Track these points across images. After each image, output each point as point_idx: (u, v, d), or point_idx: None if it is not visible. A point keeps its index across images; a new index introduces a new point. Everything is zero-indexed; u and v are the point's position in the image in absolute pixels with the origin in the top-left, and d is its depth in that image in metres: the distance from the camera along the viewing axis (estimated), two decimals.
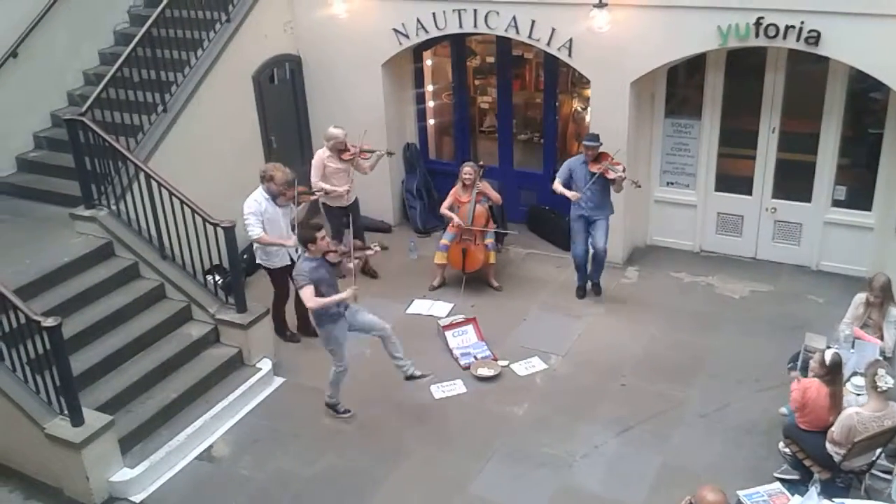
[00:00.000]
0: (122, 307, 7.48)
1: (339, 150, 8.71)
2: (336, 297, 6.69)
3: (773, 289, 8.87)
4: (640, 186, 8.37)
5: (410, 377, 7.32)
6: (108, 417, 6.47)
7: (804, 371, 6.41)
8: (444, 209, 9.00)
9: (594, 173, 8.18)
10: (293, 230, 7.83)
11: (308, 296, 6.60)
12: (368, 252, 7.21)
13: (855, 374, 6.40)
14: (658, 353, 7.93)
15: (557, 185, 8.44)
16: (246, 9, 9.38)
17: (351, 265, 6.96)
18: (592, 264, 8.72)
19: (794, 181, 8.99)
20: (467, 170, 8.85)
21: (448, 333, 8.21)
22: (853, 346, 6.68)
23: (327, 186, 8.70)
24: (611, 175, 8.10)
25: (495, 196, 9.01)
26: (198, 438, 7.01)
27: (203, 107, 8.94)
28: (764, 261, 9.35)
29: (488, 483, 6.51)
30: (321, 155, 8.79)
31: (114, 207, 7.99)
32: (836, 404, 5.95)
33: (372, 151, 8.88)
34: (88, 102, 7.96)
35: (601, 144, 8.23)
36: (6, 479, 6.76)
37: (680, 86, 9.37)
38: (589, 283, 8.89)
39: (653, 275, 9.28)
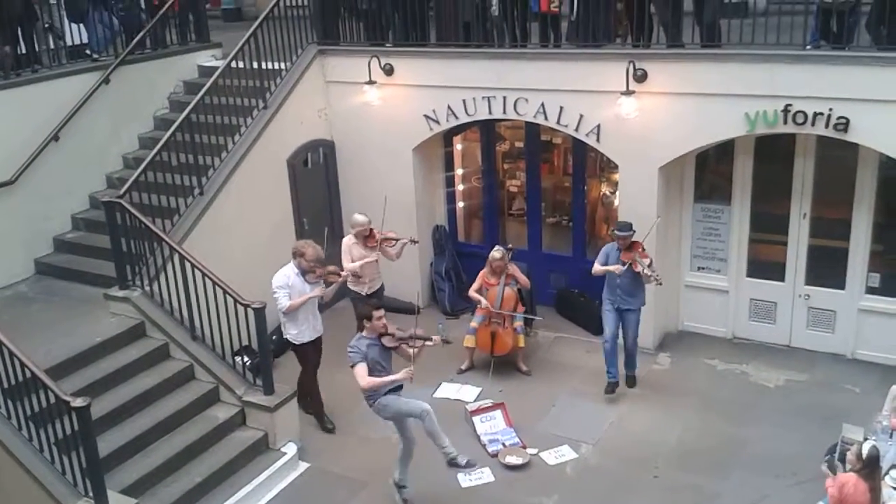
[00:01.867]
0: (151, 388, 7.50)
1: (364, 236, 8.76)
2: (389, 379, 6.62)
3: (809, 378, 8.68)
4: (660, 284, 8.20)
5: (452, 461, 7.00)
6: (132, 501, 6.41)
7: (843, 463, 6.21)
8: (472, 292, 9.00)
9: (625, 262, 8.12)
10: (319, 309, 7.91)
11: (361, 373, 6.53)
12: (428, 343, 6.96)
13: (894, 466, 6.19)
14: (692, 444, 7.74)
15: (597, 266, 8.32)
16: (283, 96, 9.67)
17: (411, 351, 6.80)
18: (625, 358, 8.57)
19: (827, 267, 8.89)
20: (496, 255, 8.79)
21: (476, 419, 8.11)
22: (891, 438, 6.48)
23: (356, 266, 8.63)
24: (637, 268, 8.03)
25: (524, 280, 8.99)
26: None
27: (238, 189, 9.14)
28: (798, 348, 9.18)
29: None
30: (348, 241, 8.85)
31: (147, 288, 8.10)
32: (875, 499, 5.73)
33: (395, 240, 8.88)
34: (127, 185, 8.17)
35: (633, 233, 8.14)
36: None
37: (709, 171, 9.40)
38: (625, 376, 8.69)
39: (685, 361, 9.14)
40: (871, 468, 5.76)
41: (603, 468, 7.51)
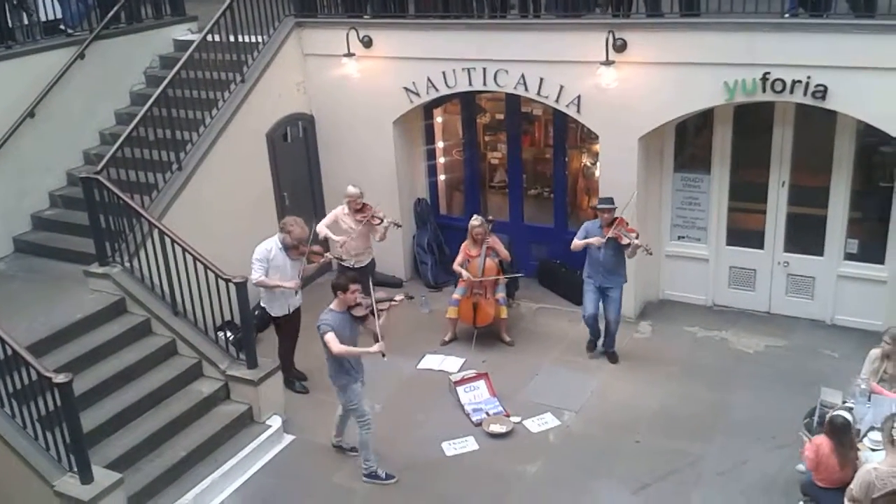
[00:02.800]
0: (134, 364, 7.48)
1: (356, 209, 8.76)
2: (362, 350, 6.71)
3: (788, 343, 8.79)
4: (651, 253, 8.29)
5: (340, 447, 7.38)
6: (117, 475, 6.41)
7: (821, 426, 6.32)
8: (456, 265, 9.01)
9: (609, 237, 8.11)
10: (303, 284, 7.98)
11: (332, 340, 6.58)
12: (394, 303, 7.07)
13: (872, 428, 6.29)
14: (673, 409, 7.83)
15: (576, 241, 8.33)
16: (260, 70, 9.57)
17: (377, 328, 6.83)
18: (605, 335, 8.63)
19: (805, 235, 8.99)
20: (476, 224, 8.86)
21: (459, 389, 8.15)
22: (870, 401, 6.59)
23: (328, 232, 8.81)
24: (623, 241, 8.03)
25: (504, 253, 9.00)
26: (206, 498, 6.93)
27: (217, 165, 9.07)
28: (778, 315, 9.28)
29: None
30: (338, 210, 8.93)
31: (127, 264, 8.05)
32: (843, 462, 5.85)
33: (381, 219, 8.87)
34: (104, 161, 8.09)
35: (615, 208, 8.16)
36: None
37: (689, 140, 9.44)
38: (603, 349, 8.75)
39: (666, 330, 9.22)
40: (833, 434, 5.87)
41: (585, 435, 7.59)
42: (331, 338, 6.61)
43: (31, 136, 9.04)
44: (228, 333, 8.07)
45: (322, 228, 8.83)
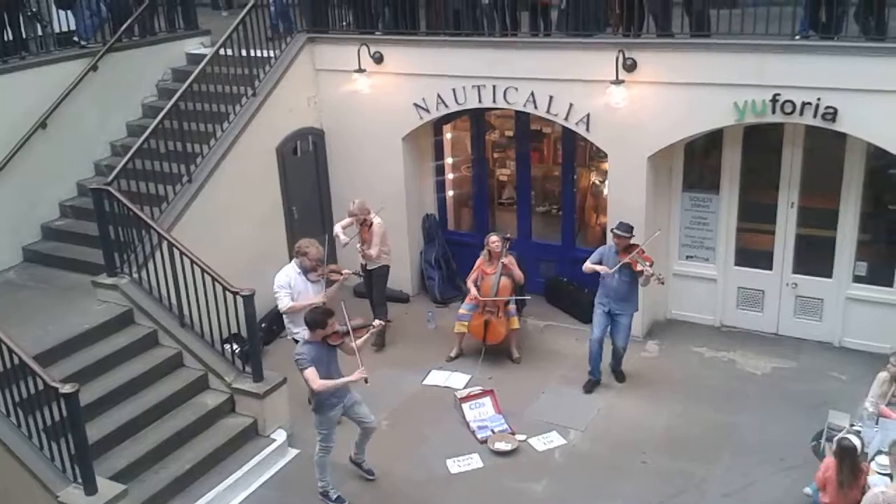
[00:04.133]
0: (140, 375, 7.49)
1: (360, 222, 8.89)
2: (343, 381, 6.61)
3: (796, 365, 8.75)
4: (663, 283, 8.22)
5: (358, 465, 7.26)
6: (121, 487, 6.40)
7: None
8: (469, 282, 8.97)
9: (621, 265, 7.99)
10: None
11: (312, 377, 6.48)
12: (372, 329, 6.98)
13: (880, 452, 6.25)
14: (679, 430, 7.79)
15: (588, 265, 8.24)
16: (272, 84, 9.64)
17: (353, 345, 6.75)
18: (612, 357, 8.55)
19: (814, 256, 8.96)
20: (493, 239, 8.83)
21: (465, 406, 8.13)
22: (877, 424, 6.55)
23: (343, 234, 8.95)
24: (637, 267, 7.94)
25: (518, 275, 8.92)
26: None
27: (227, 177, 9.11)
28: (786, 336, 9.25)
29: None
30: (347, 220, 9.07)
31: (136, 276, 8.07)
32: (848, 484, 5.82)
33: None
34: (115, 172, 8.14)
35: (632, 236, 8.06)
36: None
37: (698, 160, 9.44)
38: (610, 367, 8.66)
39: (673, 349, 9.18)
40: (840, 456, 5.85)
41: (591, 454, 7.55)
42: (310, 374, 6.48)
43: (43, 147, 9.11)
44: (235, 346, 8.07)
45: (337, 228, 9.01)
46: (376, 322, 7.13)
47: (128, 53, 10.10)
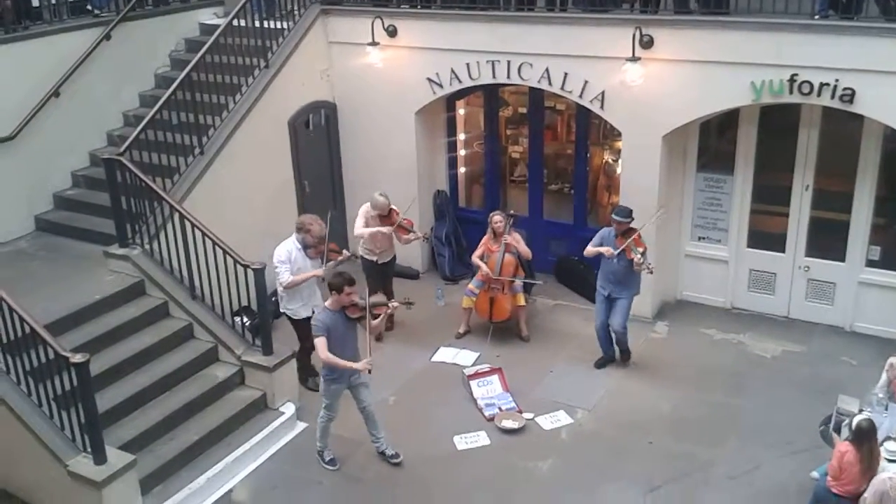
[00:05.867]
0: (150, 346, 7.52)
1: (382, 216, 8.73)
2: (347, 364, 6.65)
3: (806, 349, 8.71)
4: (651, 272, 8.04)
5: (382, 454, 7.26)
6: (130, 457, 6.45)
7: (838, 433, 6.28)
8: (475, 258, 8.98)
9: (619, 248, 7.94)
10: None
11: (321, 346, 6.59)
12: (388, 309, 7.02)
13: (888, 438, 6.22)
14: (687, 412, 7.78)
15: (590, 248, 8.19)
16: (284, 56, 9.57)
17: (375, 322, 6.85)
18: (615, 341, 8.47)
19: (827, 240, 8.89)
20: (497, 218, 8.83)
21: (473, 383, 8.15)
22: (887, 410, 6.52)
23: (368, 231, 8.69)
24: (630, 255, 7.87)
25: (524, 250, 8.91)
26: (218, 482, 6.98)
27: (239, 150, 9.08)
28: (797, 320, 9.20)
29: None
30: (366, 209, 8.81)
31: (147, 247, 8.08)
32: (866, 467, 5.80)
33: (411, 231, 8.82)
34: (127, 143, 8.12)
35: (630, 221, 7.97)
36: None
37: (712, 140, 9.35)
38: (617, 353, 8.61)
39: (683, 331, 9.15)
40: (860, 439, 5.82)
41: (598, 434, 7.57)
42: (320, 343, 6.60)
43: (56, 116, 9.10)
44: (245, 319, 8.10)
45: (362, 230, 8.72)
46: (392, 303, 7.14)
47: (141, 23, 10.04)
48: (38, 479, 6.65)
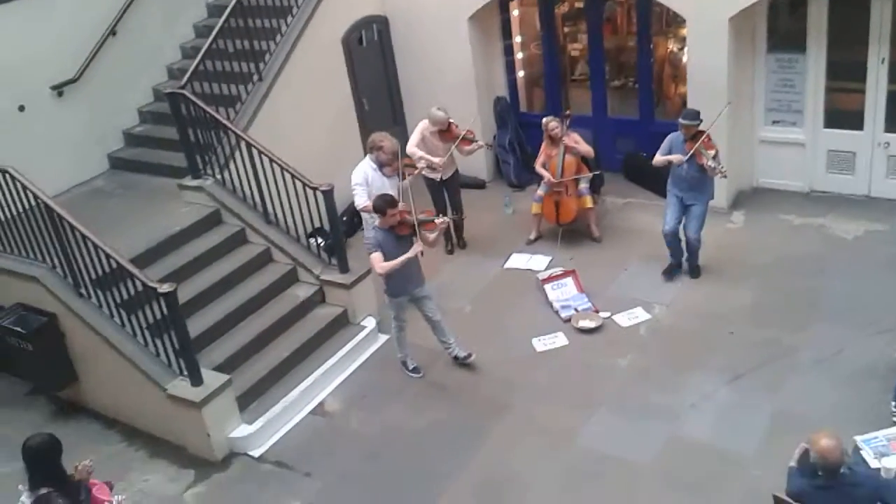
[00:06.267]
0: (232, 272, 7.74)
1: (442, 131, 8.57)
2: (400, 260, 6.68)
3: (889, 228, 8.44)
4: (725, 177, 7.76)
5: (456, 358, 7.36)
6: (225, 377, 6.75)
7: None
8: (538, 166, 8.88)
9: (688, 152, 7.58)
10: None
11: (376, 260, 6.73)
12: (440, 223, 6.93)
13: None
14: (767, 300, 7.68)
15: (658, 157, 7.86)
16: None
17: (431, 236, 6.89)
18: (687, 250, 8.16)
19: None
20: (552, 124, 8.65)
21: (547, 287, 8.18)
22: None
23: (423, 154, 8.51)
24: (701, 160, 7.50)
25: (585, 148, 8.75)
26: (310, 395, 7.25)
27: (296, 73, 9.07)
28: (879, 198, 8.90)
29: (596, 434, 6.50)
30: (423, 125, 8.64)
31: (219, 176, 8.23)
32: None
33: (473, 141, 8.63)
34: (187, 76, 8.17)
35: (698, 123, 7.57)
36: (133, 439, 7.17)
37: (782, 19, 8.91)
38: (686, 265, 8.33)
39: (760, 219, 8.95)
40: None
41: (677, 328, 7.55)
42: (375, 257, 6.74)
43: (115, 55, 9.20)
44: (319, 240, 8.25)
45: (415, 150, 8.52)
46: (438, 219, 7.00)
47: None
48: (141, 405, 7.02)
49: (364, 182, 7.70)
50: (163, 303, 6.41)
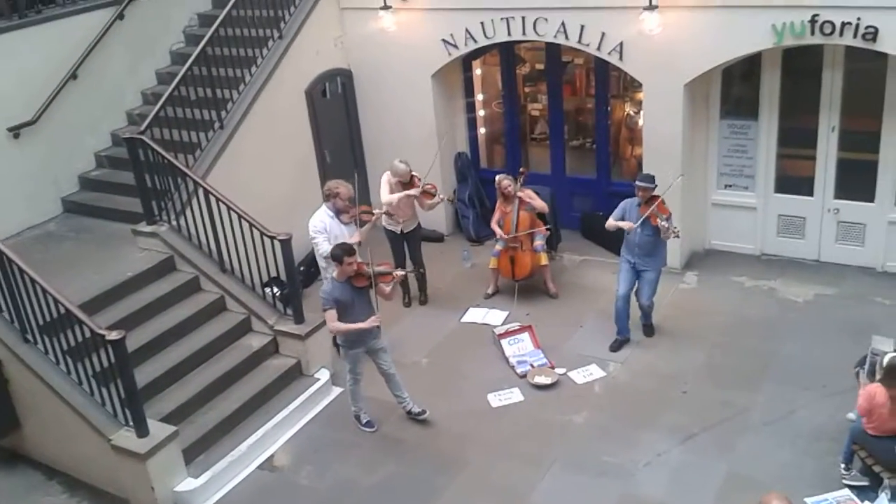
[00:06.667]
0: (184, 320, 7.62)
1: (404, 183, 8.61)
2: (355, 326, 6.69)
3: (838, 291, 8.64)
4: (678, 237, 7.92)
5: (409, 413, 7.31)
6: (172, 428, 6.58)
7: (871, 375, 6.24)
8: (493, 223, 8.99)
9: (641, 216, 7.69)
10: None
11: (329, 318, 6.68)
12: (394, 277, 6.97)
13: None
14: (720, 360, 7.78)
15: (611, 221, 7.96)
16: (297, 25, 9.54)
17: (388, 289, 6.89)
18: (640, 313, 8.22)
19: (856, 181, 8.77)
20: (505, 182, 8.79)
21: (504, 342, 8.18)
22: None
23: (394, 198, 8.54)
24: (655, 222, 7.63)
25: (539, 204, 8.85)
26: (259, 448, 7.10)
27: (258, 122, 9.09)
28: (828, 263, 9.12)
29: (550, 492, 6.45)
30: (387, 177, 8.67)
31: (174, 223, 8.15)
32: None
33: (435, 195, 8.71)
34: (147, 121, 8.15)
35: (655, 187, 7.73)
36: (75, 491, 6.94)
37: (735, 86, 9.21)
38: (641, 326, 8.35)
39: (713, 280, 9.11)
40: (891, 378, 5.79)
41: (631, 386, 7.59)
42: (328, 315, 6.70)
43: (75, 98, 9.15)
44: (275, 289, 8.17)
45: (391, 197, 8.55)
46: (398, 271, 7.13)
47: (153, 0, 9.99)
48: (85, 455, 6.82)
49: (324, 230, 7.68)
50: (111, 350, 6.25)
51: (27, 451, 7.29)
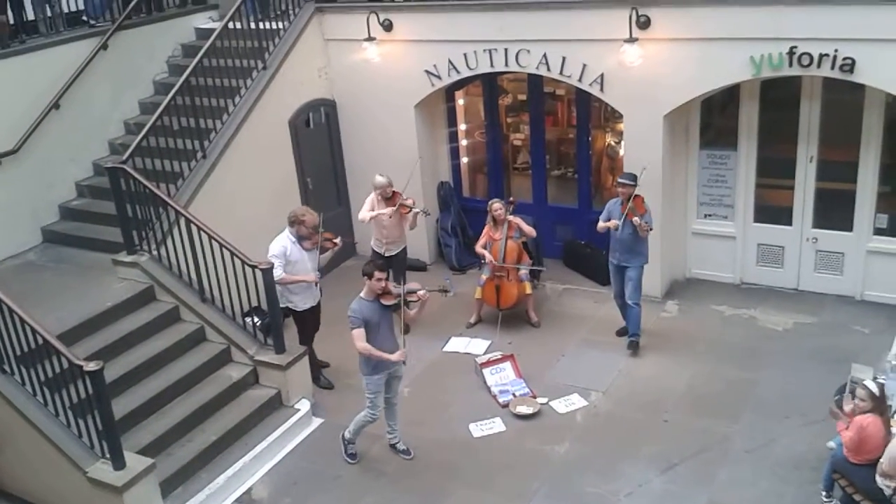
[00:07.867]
0: (163, 350, 7.56)
1: (386, 198, 8.71)
2: (383, 356, 6.61)
3: (818, 320, 8.70)
4: (650, 230, 8.05)
5: (394, 447, 7.27)
6: (149, 460, 6.49)
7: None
8: (478, 247, 9.02)
9: (624, 215, 7.95)
10: (322, 272, 7.98)
11: (358, 336, 6.57)
12: (422, 297, 6.83)
13: None
14: (701, 389, 7.79)
15: (600, 224, 8.23)
16: (281, 56, 9.59)
17: (411, 312, 6.81)
18: (627, 318, 8.42)
19: (834, 210, 8.87)
20: (496, 205, 8.86)
21: (486, 371, 8.16)
22: None
23: (371, 215, 8.69)
24: (634, 220, 7.86)
25: (528, 230, 8.96)
26: (238, 481, 7.02)
27: (241, 152, 9.11)
28: (807, 292, 9.19)
29: None
30: (373, 196, 8.80)
31: (155, 253, 8.12)
32: (888, 435, 5.81)
33: (410, 207, 8.78)
34: (129, 151, 8.15)
35: (635, 185, 7.98)
36: None
37: (714, 117, 9.33)
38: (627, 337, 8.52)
39: (693, 309, 9.15)
40: (881, 406, 5.82)
41: (613, 415, 7.58)
42: (357, 334, 6.57)
43: (57, 128, 9.14)
44: (256, 319, 8.14)
45: (365, 215, 8.73)
46: (426, 289, 6.89)
47: (137, 31, 10.07)
48: (59, 487, 6.69)
49: (282, 255, 7.67)
50: (88, 381, 6.19)
51: (2, 484, 7.17)
